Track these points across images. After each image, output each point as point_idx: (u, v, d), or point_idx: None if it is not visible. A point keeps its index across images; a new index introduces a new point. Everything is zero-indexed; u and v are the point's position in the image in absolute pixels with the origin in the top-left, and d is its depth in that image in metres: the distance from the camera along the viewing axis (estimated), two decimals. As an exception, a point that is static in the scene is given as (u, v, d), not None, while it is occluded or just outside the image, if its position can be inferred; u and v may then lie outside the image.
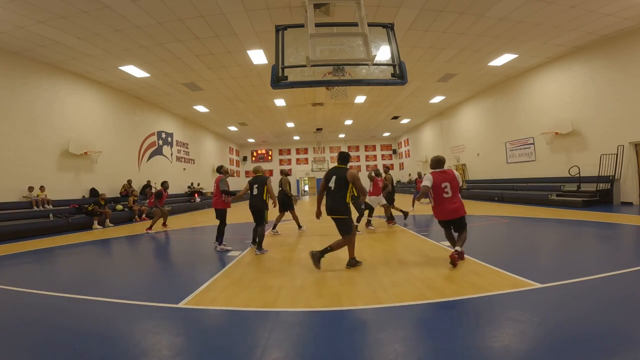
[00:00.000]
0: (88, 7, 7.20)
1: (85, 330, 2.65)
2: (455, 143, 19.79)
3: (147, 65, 10.81)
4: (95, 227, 10.00)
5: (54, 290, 3.67)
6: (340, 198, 4.17)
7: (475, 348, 2.11)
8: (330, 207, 4.23)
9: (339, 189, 4.18)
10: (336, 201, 4.19)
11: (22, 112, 9.47)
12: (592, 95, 10.61)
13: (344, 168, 4.34)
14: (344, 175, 4.19)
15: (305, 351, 2.20)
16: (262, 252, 5.38)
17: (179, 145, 18.47)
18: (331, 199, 4.23)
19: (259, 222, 5.60)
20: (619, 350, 1.99)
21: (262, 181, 5.64)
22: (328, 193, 4.28)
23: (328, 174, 4.37)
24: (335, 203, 4.19)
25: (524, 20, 8.67)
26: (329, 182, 4.27)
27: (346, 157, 4.43)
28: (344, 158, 4.42)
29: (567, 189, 11.09)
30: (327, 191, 4.29)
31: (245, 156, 31.70)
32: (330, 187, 4.24)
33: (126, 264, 5.57)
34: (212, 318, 2.89)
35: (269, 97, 15.26)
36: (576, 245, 5.38)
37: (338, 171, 4.29)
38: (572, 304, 2.77)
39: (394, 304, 2.90)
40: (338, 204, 4.18)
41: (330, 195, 4.25)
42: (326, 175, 4.38)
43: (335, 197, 4.19)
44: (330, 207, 4.23)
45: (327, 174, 4.38)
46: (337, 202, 4.18)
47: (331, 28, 4.40)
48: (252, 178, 5.80)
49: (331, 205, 4.22)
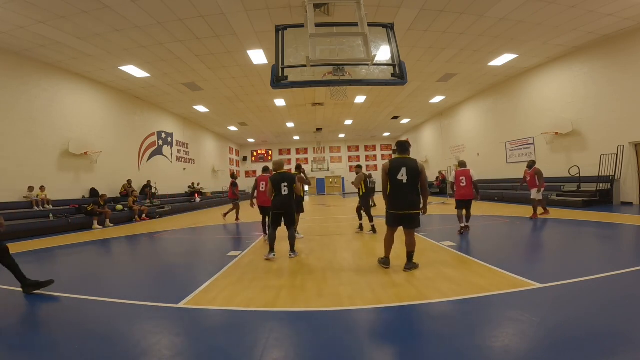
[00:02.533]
0: (88, 7, 7.20)
1: (85, 330, 2.64)
2: (455, 143, 19.78)
3: (147, 65, 10.81)
4: (95, 227, 10.00)
5: (54, 290, 3.67)
6: (416, 191, 3.88)
7: (476, 348, 2.11)
8: (406, 202, 3.83)
9: (413, 181, 3.84)
10: (413, 195, 3.85)
11: (22, 112, 9.47)
12: (592, 95, 10.61)
13: (412, 158, 3.99)
14: (415, 166, 3.87)
15: (305, 351, 2.20)
16: (295, 254, 5.04)
17: (179, 145, 18.47)
18: (405, 193, 3.82)
19: (289, 224, 5.11)
20: (619, 350, 1.99)
21: (291, 179, 5.09)
22: (398, 186, 3.83)
23: (394, 165, 3.89)
24: (412, 196, 3.85)
25: (524, 20, 8.68)
26: (397, 175, 3.84)
27: (408, 146, 4.12)
28: (406, 147, 4.09)
29: (567, 189, 11.10)
30: (397, 185, 3.84)
31: (245, 156, 31.71)
32: (400, 180, 3.81)
33: (126, 264, 5.58)
34: (212, 318, 2.89)
35: (269, 97, 15.26)
36: (576, 245, 5.38)
37: (407, 162, 3.90)
38: (572, 304, 2.77)
39: (394, 304, 2.90)
40: (415, 197, 3.86)
41: (402, 188, 3.83)
42: (391, 166, 3.90)
43: (412, 191, 3.85)
44: (406, 202, 3.83)
45: (393, 165, 3.90)
46: (413, 196, 3.86)
47: (331, 28, 4.39)
48: (277, 175, 5.12)
49: (407, 200, 3.82)
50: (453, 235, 6.24)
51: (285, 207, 5.02)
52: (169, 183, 16.86)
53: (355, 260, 4.71)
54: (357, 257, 4.96)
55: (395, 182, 3.87)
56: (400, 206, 3.87)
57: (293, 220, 5.20)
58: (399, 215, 3.92)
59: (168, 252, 6.44)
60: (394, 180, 3.88)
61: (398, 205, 3.89)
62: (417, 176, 3.87)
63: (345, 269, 4.25)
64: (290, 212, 5.08)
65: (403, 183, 3.84)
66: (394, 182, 3.88)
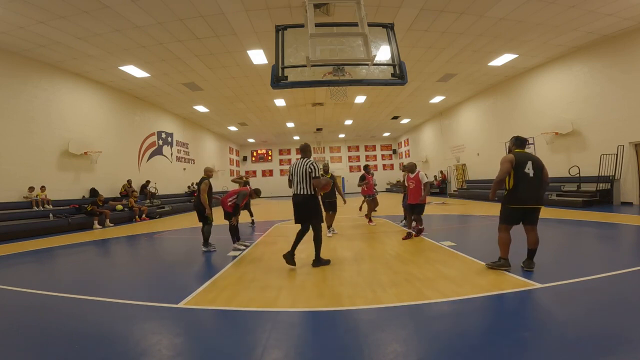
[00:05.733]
0: (88, 7, 7.20)
1: (86, 330, 2.64)
2: (455, 143, 19.79)
3: (147, 65, 10.81)
4: (95, 227, 10.00)
5: (54, 290, 3.67)
6: (542, 186, 3.79)
7: (475, 348, 2.11)
8: (536, 197, 3.71)
9: (539, 176, 3.72)
10: (541, 190, 3.75)
11: (22, 112, 9.47)
12: (592, 96, 10.60)
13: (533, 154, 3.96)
14: (540, 161, 3.79)
15: (305, 351, 2.20)
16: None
17: (179, 145, 18.47)
18: (534, 187, 3.69)
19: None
20: (619, 350, 1.99)
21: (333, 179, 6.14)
22: (527, 181, 3.68)
23: (520, 159, 3.73)
24: (541, 192, 3.76)
25: (524, 20, 8.67)
26: (524, 169, 3.68)
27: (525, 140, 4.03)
28: (523, 142, 3.96)
29: (567, 189, 11.09)
30: (524, 179, 3.68)
31: (245, 156, 31.70)
32: (527, 173, 3.67)
33: (126, 264, 5.58)
34: (212, 318, 2.89)
35: (269, 97, 15.26)
36: (576, 245, 5.38)
37: (532, 157, 3.79)
38: (572, 304, 2.77)
39: (394, 304, 2.90)
40: (542, 192, 3.80)
41: (531, 182, 3.68)
42: (518, 160, 3.72)
43: (541, 186, 3.74)
44: (536, 197, 3.71)
45: (519, 159, 3.73)
46: (542, 191, 3.77)
47: (331, 28, 4.39)
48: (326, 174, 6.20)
49: (537, 194, 3.72)
50: (453, 235, 6.24)
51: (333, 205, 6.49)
52: (169, 183, 16.87)
53: (355, 260, 4.71)
54: (357, 257, 4.96)
55: (524, 175, 3.68)
56: (527, 199, 3.70)
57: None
58: (523, 210, 3.75)
59: (168, 252, 6.44)
60: (522, 173, 3.69)
61: (525, 199, 3.70)
62: (542, 171, 3.77)
63: (345, 268, 4.24)
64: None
65: (530, 177, 3.68)
66: (522, 175, 3.69)
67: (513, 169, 3.71)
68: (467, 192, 17.08)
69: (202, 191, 5.70)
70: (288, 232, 7.81)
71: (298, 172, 4.42)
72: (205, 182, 5.77)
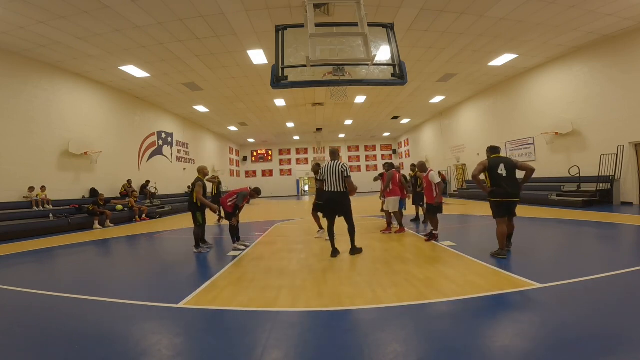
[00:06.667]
0: (88, 7, 7.20)
1: (86, 330, 2.64)
2: (455, 143, 19.79)
3: (147, 65, 10.81)
4: (95, 227, 10.00)
5: (54, 290, 3.67)
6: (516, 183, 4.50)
7: (476, 348, 2.11)
8: (511, 192, 4.43)
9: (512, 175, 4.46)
10: (516, 185, 4.49)
11: (22, 112, 9.47)
12: (592, 95, 10.60)
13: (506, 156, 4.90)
14: (512, 162, 4.56)
15: (305, 351, 2.19)
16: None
17: (179, 145, 18.47)
18: (509, 183, 4.43)
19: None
20: (619, 350, 1.99)
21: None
22: (501, 179, 4.43)
23: (492, 163, 4.51)
24: (516, 187, 4.49)
25: (524, 20, 8.67)
26: (497, 170, 4.44)
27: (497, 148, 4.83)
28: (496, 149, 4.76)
29: (567, 189, 11.09)
30: (499, 178, 4.43)
31: (245, 156, 31.71)
32: (500, 174, 4.43)
33: (126, 264, 5.57)
34: (212, 318, 2.89)
35: (269, 97, 15.26)
36: (576, 245, 5.39)
37: (504, 159, 4.57)
38: (572, 304, 2.78)
39: (394, 304, 2.90)
40: (517, 187, 4.51)
41: (504, 180, 4.43)
42: (491, 164, 4.51)
43: (514, 182, 4.47)
44: (511, 192, 4.43)
45: (492, 163, 4.52)
46: (517, 186, 4.50)
47: (331, 28, 4.39)
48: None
49: (513, 189, 4.44)
50: (453, 235, 6.25)
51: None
52: (169, 183, 16.86)
53: (355, 260, 4.70)
54: (357, 257, 4.95)
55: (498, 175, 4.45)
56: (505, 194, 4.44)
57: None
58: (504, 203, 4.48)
59: (168, 252, 6.44)
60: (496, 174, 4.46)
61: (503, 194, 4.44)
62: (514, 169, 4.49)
63: (345, 269, 4.24)
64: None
65: (503, 176, 4.44)
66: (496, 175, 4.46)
67: (488, 171, 4.53)
68: (467, 192, 17.08)
69: (197, 193, 5.70)
70: (288, 232, 7.81)
71: (332, 173, 4.94)
72: (199, 184, 5.76)
